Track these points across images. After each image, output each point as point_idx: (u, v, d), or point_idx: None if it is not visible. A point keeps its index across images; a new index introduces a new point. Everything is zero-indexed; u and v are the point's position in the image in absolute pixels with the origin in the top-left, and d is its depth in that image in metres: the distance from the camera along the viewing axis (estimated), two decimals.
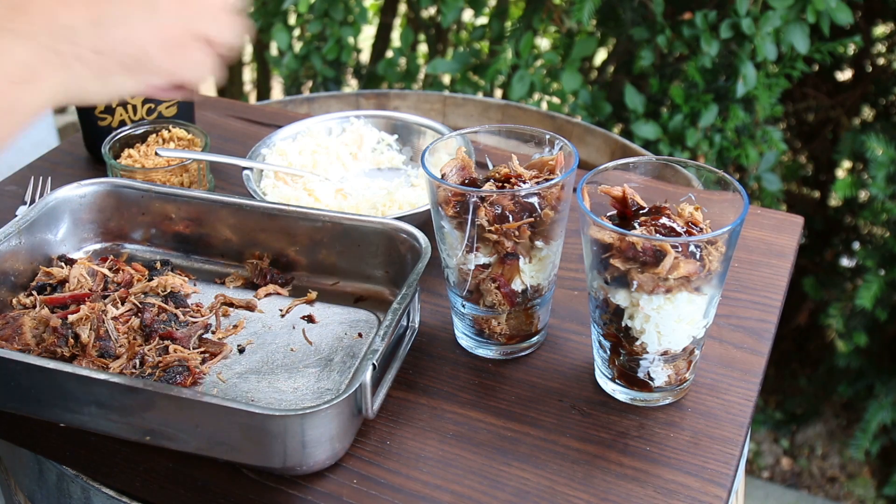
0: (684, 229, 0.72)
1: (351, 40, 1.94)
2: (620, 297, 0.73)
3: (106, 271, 0.89)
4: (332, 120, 1.15)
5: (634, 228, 0.73)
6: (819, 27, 1.54)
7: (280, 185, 1.05)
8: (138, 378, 0.78)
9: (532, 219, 0.76)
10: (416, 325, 0.86)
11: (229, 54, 0.63)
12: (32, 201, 1.08)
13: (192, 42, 0.60)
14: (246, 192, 1.00)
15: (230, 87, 2.65)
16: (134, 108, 1.13)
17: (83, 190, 0.94)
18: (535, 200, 0.76)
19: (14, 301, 0.86)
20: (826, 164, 2.11)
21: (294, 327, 0.87)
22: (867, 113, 2.03)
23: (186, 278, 0.92)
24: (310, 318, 0.88)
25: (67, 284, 0.87)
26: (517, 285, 0.79)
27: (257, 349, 0.84)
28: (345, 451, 0.73)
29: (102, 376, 0.71)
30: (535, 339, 0.84)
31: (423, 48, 2.34)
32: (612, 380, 0.78)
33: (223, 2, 0.61)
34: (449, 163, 0.81)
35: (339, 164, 1.11)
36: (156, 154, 1.03)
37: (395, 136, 1.15)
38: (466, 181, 0.80)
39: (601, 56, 2.04)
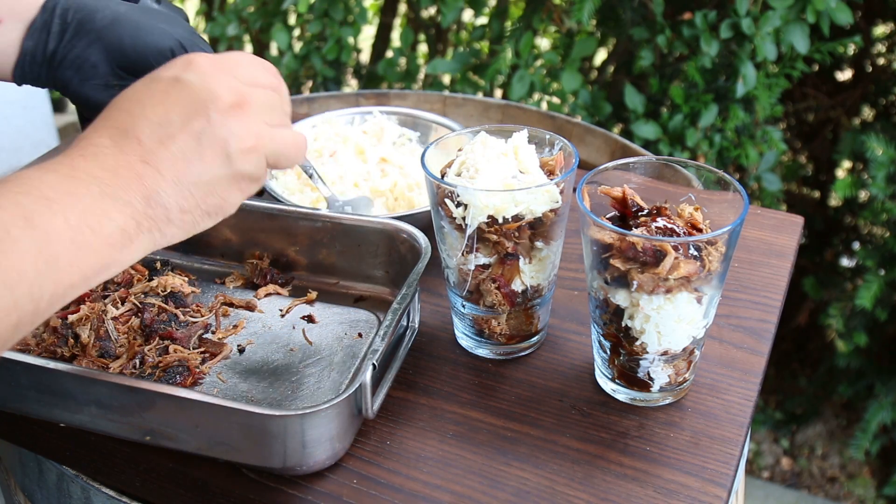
0: (684, 229, 0.72)
1: (351, 40, 1.94)
2: (620, 297, 0.73)
3: None
4: (354, 113, 1.15)
5: (634, 228, 0.73)
6: (819, 27, 1.54)
7: (289, 171, 1.04)
8: (138, 378, 0.78)
9: (532, 219, 0.76)
10: (416, 325, 0.86)
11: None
12: None
13: (264, 174, 0.62)
14: None
15: None
16: None
17: None
18: None
19: None
20: (826, 164, 2.11)
21: (294, 327, 0.87)
22: (867, 113, 2.03)
23: (186, 278, 0.92)
24: (310, 318, 0.88)
25: None
26: (517, 285, 0.79)
27: (257, 349, 0.84)
28: (345, 451, 0.73)
29: (102, 376, 0.71)
30: (534, 339, 0.84)
31: (423, 48, 2.34)
32: (612, 380, 0.78)
33: (291, 135, 0.63)
34: (449, 162, 0.81)
35: (358, 158, 1.08)
36: None
37: (419, 134, 1.14)
38: None
39: (601, 56, 2.04)
